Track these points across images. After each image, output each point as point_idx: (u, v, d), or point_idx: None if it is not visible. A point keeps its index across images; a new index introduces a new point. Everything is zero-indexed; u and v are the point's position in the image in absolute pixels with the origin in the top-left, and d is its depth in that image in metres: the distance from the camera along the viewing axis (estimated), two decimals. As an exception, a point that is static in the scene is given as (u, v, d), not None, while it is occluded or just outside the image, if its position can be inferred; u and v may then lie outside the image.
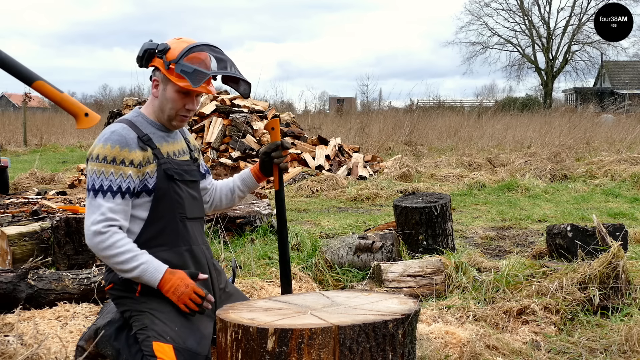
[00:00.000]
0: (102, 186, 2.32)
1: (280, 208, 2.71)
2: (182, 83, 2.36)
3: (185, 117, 2.48)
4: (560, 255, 5.12)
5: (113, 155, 2.33)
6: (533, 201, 9.18)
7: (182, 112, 2.45)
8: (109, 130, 2.39)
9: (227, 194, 2.79)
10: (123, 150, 2.34)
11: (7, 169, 9.42)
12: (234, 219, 5.92)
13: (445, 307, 3.93)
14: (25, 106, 23.07)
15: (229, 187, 2.79)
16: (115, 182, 2.32)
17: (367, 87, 51.80)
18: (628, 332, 3.32)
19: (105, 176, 2.32)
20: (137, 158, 2.36)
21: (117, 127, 2.40)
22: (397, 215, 5.50)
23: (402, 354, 1.91)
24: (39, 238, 4.84)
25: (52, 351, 3.00)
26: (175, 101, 2.43)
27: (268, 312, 2.00)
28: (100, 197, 2.32)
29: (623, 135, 18.88)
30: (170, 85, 2.41)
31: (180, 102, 2.43)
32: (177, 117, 2.46)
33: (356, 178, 11.63)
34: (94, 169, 2.34)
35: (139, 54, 2.45)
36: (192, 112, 2.49)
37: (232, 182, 2.79)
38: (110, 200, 2.32)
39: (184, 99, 2.43)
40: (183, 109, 2.45)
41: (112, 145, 2.34)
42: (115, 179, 2.32)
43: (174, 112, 2.45)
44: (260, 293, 4.08)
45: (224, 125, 11.56)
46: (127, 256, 2.30)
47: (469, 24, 48.90)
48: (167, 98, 2.43)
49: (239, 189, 2.78)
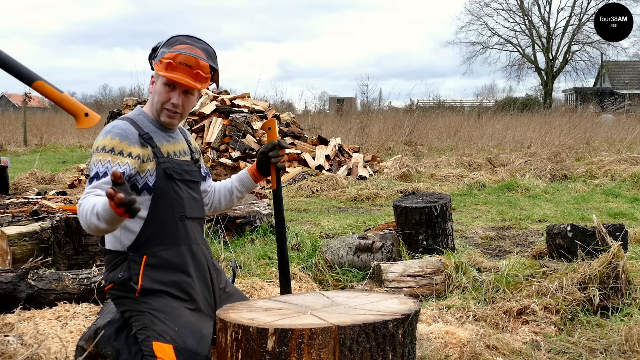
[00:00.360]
0: (98, 173, 2.28)
1: (279, 208, 2.71)
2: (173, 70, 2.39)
3: (172, 112, 2.47)
4: (560, 255, 5.12)
5: (112, 145, 2.33)
6: (533, 201, 9.18)
7: (167, 106, 2.46)
8: (110, 125, 2.41)
9: (225, 195, 2.80)
10: (123, 142, 2.34)
11: (7, 169, 9.43)
12: (234, 219, 5.92)
13: (445, 307, 3.93)
14: (25, 106, 23.08)
15: (227, 188, 2.80)
16: (110, 168, 2.28)
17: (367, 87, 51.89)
18: (628, 332, 3.32)
19: (102, 164, 2.30)
20: (135, 152, 2.36)
21: (118, 123, 2.42)
22: (397, 215, 5.50)
23: (402, 354, 1.91)
24: (39, 238, 4.84)
25: (52, 351, 3.00)
26: (161, 94, 2.45)
27: (268, 312, 2.00)
28: (94, 182, 2.26)
29: (623, 135, 18.88)
30: (159, 79, 2.46)
31: (165, 94, 2.45)
32: (163, 110, 2.47)
33: (356, 178, 11.64)
34: (94, 160, 2.32)
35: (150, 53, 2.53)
36: (179, 108, 2.47)
37: (230, 183, 2.80)
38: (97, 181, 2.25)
39: (169, 92, 2.45)
40: (168, 103, 2.46)
41: (112, 137, 2.35)
42: (111, 166, 2.29)
43: (159, 105, 2.47)
44: (260, 293, 4.08)
45: (224, 125, 11.56)
46: (88, 209, 2.11)
47: (469, 24, 49.01)
48: (156, 91, 2.47)
49: (237, 190, 2.78)
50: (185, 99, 2.47)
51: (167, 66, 2.40)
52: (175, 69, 2.40)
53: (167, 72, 2.40)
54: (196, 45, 2.47)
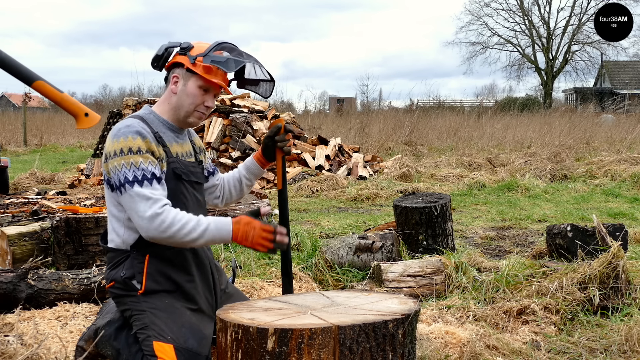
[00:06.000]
0: (137, 176, 2.27)
1: (283, 208, 2.71)
2: (211, 74, 2.41)
3: (202, 114, 2.49)
4: (560, 255, 5.12)
5: (137, 145, 2.31)
6: (533, 201, 9.18)
7: (200, 109, 2.47)
8: (124, 125, 2.36)
9: (235, 185, 2.80)
10: (145, 140, 2.33)
11: (7, 169, 9.44)
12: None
13: (445, 307, 3.93)
14: (25, 106, 23.09)
15: (236, 177, 2.80)
16: (147, 170, 2.29)
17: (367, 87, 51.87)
18: (628, 332, 3.32)
19: (137, 166, 2.28)
20: (155, 151, 2.36)
21: (132, 122, 2.39)
22: (397, 215, 5.50)
23: (402, 354, 1.91)
24: (39, 238, 4.84)
25: (52, 351, 3.00)
26: (196, 96, 2.44)
27: (268, 312, 2.00)
28: (138, 186, 2.26)
29: (623, 135, 18.88)
30: (192, 80, 2.43)
31: (200, 97, 2.45)
32: (194, 113, 2.47)
33: (356, 178, 11.64)
34: (121, 163, 2.29)
35: (157, 53, 2.48)
36: (209, 110, 2.51)
37: (238, 172, 2.80)
38: (151, 186, 2.28)
39: (204, 95, 2.45)
40: (202, 106, 2.46)
41: (132, 137, 2.32)
42: (147, 167, 2.29)
43: (192, 107, 2.46)
44: (260, 293, 4.08)
45: (224, 125, 11.56)
46: (192, 224, 2.24)
47: (469, 24, 48.99)
48: (188, 93, 2.44)
49: (245, 178, 2.79)
50: (214, 102, 2.52)
51: (206, 69, 2.41)
52: (216, 73, 2.43)
53: (211, 76, 2.41)
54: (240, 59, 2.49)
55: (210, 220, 2.28)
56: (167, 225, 2.23)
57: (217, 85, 2.45)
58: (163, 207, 2.25)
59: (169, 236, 2.24)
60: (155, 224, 2.23)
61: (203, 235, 2.25)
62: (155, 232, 2.24)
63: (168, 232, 2.23)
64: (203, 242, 2.27)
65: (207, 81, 2.42)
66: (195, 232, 2.24)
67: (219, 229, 2.26)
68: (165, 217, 2.23)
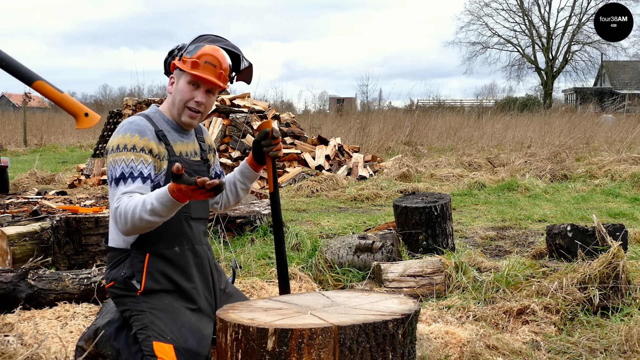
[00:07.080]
0: (123, 173, 2.27)
1: (276, 211, 2.70)
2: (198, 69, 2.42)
3: (194, 111, 2.47)
4: (560, 255, 5.12)
5: (133, 142, 2.31)
6: (533, 201, 9.18)
7: (190, 104, 2.46)
8: (127, 122, 2.39)
9: (231, 189, 2.80)
10: (142, 138, 2.33)
11: (7, 169, 9.44)
12: (234, 219, 5.92)
13: (445, 307, 3.93)
14: (25, 106, 23.10)
15: (231, 182, 2.80)
16: (136, 168, 2.28)
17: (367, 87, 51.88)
18: (628, 332, 3.32)
19: (126, 163, 2.28)
20: (155, 148, 2.36)
21: (135, 119, 2.41)
22: (397, 215, 5.50)
23: (402, 354, 1.91)
24: (39, 238, 4.84)
25: (52, 351, 3.00)
26: (184, 92, 2.45)
27: (268, 312, 2.00)
28: (121, 184, 2.26)
29: (623, 135, 18.88)
30: (182, 77, 2.46)
31: (188, 93, 2.45)
32: (185, 110, 2.46)
33: (356, 178, 11.64)
34: (114, 159, 2.30)
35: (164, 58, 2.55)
36: (202, 107, 2.48)
37: (233, 176, 2.80)
38: (130, 184, 2.26)
39: (193, 90, 2.45)
40: (192, 101, 2.46)
41: (131, 134, 2.33)
42: (135, 165, 2.28)
43: (182, 103, 2.46)
44: (260, 293, 4.08)
45: (224, 125, 11.56)
46: (140, 207, 2.15)
47: (469, 24, 48.99)
48: (178, 90, 2.46)
49: (240, 182, 2.78)
50: (207, 98, 2.49)
51: (192, 64, 2.42)
52: (203, 68, 2.43)
53: (193, 70, 2.42)
54: (221, 46, 2.51)
55: (153, 196, 2.14)
56: (124, 217, 2.18)
57: (206, 80, 2.43)
58: (119, 200, 2.21)
59: (132, 225, 2.17)
60: (117, 219, 2.21)
61: (154, 211, 2.12)
62: (121, 226, 2.21)
63: (129, 222, 2.18)
64: (157, 216, 2.14)
65: (194, 76, 2.42)
66: (145, 212, 2.13)
67: (162, 197, 2.11)
68: (121, 210, 2.19)
